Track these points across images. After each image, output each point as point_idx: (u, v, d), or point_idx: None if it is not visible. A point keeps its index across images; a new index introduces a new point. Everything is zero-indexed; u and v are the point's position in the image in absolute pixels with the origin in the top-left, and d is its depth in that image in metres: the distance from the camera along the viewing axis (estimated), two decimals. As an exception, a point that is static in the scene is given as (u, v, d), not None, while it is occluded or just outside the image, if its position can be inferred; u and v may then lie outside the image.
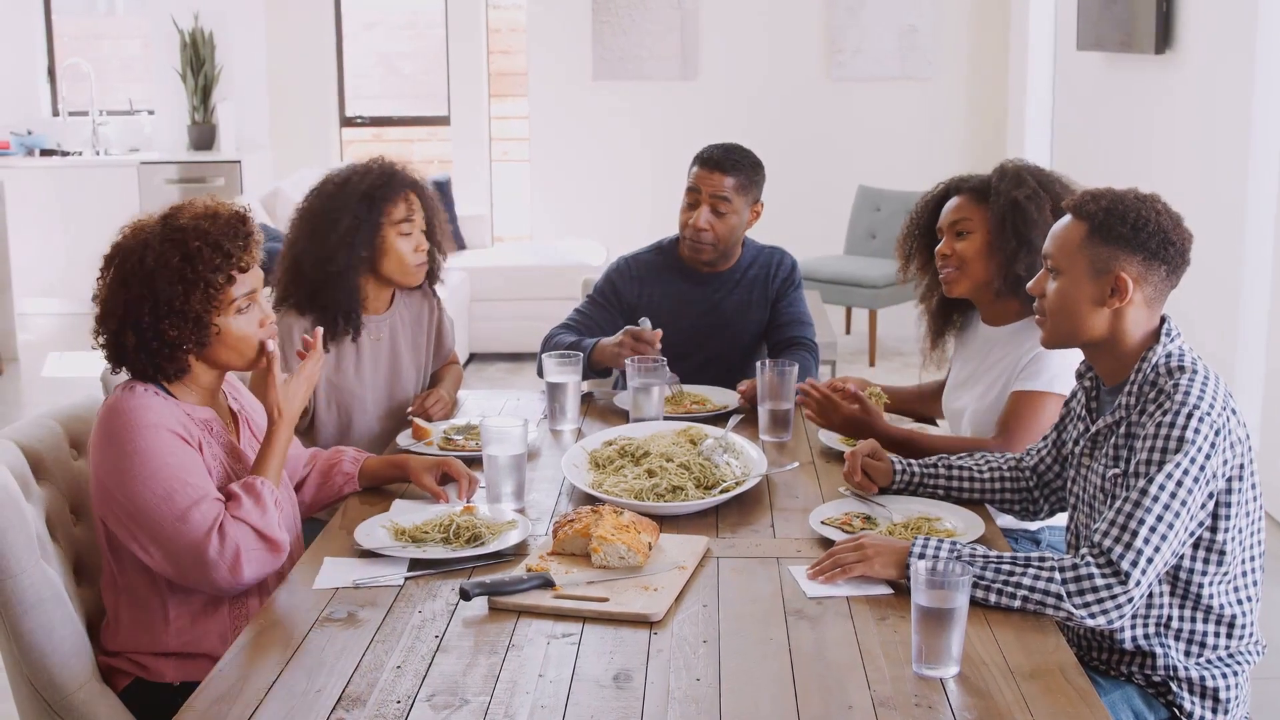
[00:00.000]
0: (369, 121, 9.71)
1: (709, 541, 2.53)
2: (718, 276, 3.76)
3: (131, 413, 2.38)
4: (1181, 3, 5.78)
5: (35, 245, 8.59)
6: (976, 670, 2.02)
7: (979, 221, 3.06)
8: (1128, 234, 2.37)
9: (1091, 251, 2.39)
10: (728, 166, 3.65)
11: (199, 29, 8.89)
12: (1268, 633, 2.50)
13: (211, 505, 2.36)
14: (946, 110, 8.67)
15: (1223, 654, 2.38)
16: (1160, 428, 2.26)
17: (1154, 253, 2.37)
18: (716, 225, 3.65)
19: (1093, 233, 2.39)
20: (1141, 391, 2.35)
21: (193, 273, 2.42)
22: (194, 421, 2.47)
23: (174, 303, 2.41)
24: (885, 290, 7.41)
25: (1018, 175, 3.05)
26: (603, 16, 8.64)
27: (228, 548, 2.34)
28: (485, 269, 7.72)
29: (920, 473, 2.76)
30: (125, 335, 2.42)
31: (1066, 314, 2.43)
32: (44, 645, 2.38)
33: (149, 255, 2.42)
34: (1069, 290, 2.41)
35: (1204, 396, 2.26)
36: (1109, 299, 2.38)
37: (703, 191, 3.65)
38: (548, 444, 3.21)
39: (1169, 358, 2.35)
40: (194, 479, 2.37)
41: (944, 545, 2.30)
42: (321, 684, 2.01)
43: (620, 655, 2.09)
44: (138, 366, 2.46)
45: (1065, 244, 2.42)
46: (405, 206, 3.26)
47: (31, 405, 6.87)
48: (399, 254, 3.27)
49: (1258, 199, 5.20)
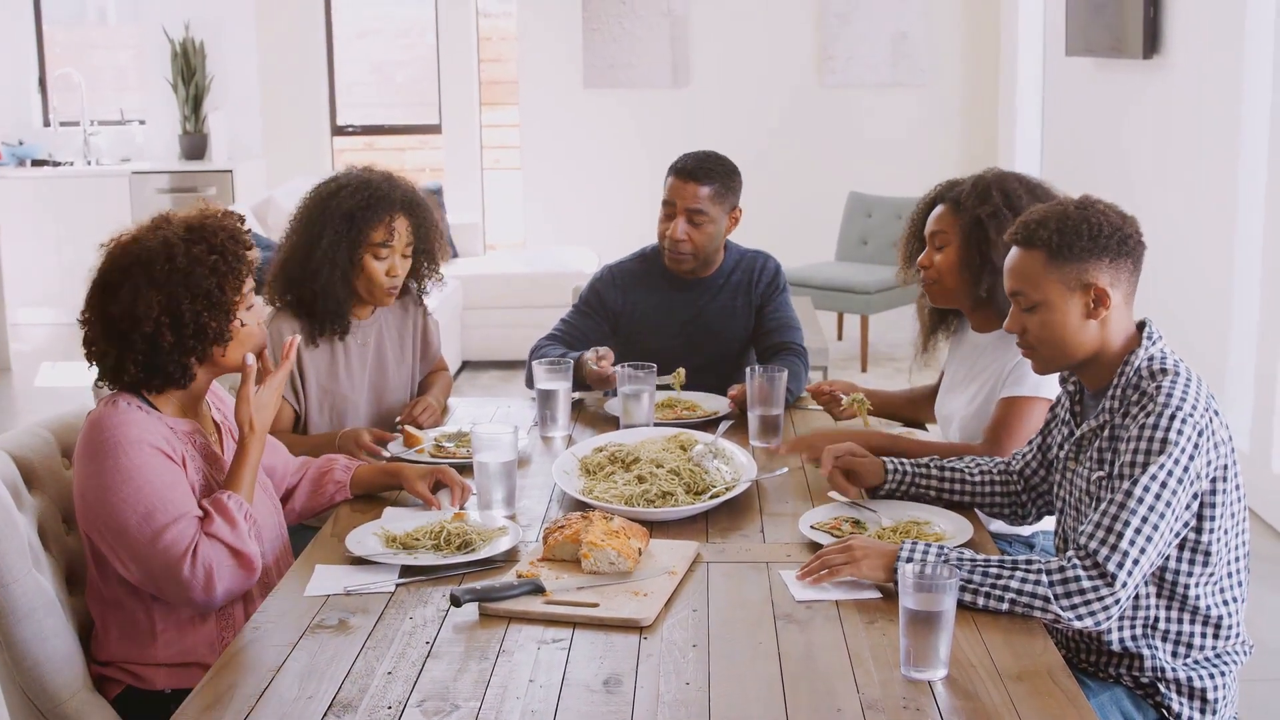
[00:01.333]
0: (360, 130, 9.72)
1: (699, 547, 2.54)
2: (701, 283, 3.76)
3: (115, 428, 2.39)
4: (1169, 8, 5.80)
5: (27, 255, 8.59)
6: (964, 673, 2.03)
7: (953, 234, 3.05)
8: (1087, 244, 2.37)
9: (1059, 274, 2.39)
10: (701, 176, 3.62)
11: (190, 38, 8.90)
12: (1256, 634, 2.51)
13: (189, 524, 2.37)
14: (937, 116, 8.70)
15: (1210, 654, 2.39)
16: (1144, 429, 2.27)
17: (1116, 251, 2.39)
18: (694, 235, 3.64)
19: (1052, 256, 2.39)
20: (1125, 395, 2.37)
21: (224, 264, 2.48)
22: (176, 434, 2.48)
23: (211, 294, 2.45)
24: (877, 296, 7.43)
25: (985, 191, 3.02)
26: (593, 24, 8.66)
27: (199, 568, 2.34)
28: (477, 277, 7.72)
29: (912, 472, 2.77)
30: (160, 335, 2.41)
31: (1056, 342, 2.42)
32: (36, 654, 2.39)
33: (178, 254, 2.45)
34: (1051, 318, 2.41)
35: (1186, 398, 2.28)
36: (1093, 311, 2.39)
37: (677, 203, 3.63)
38: (538, 450, 3.22)
39: (1151, 360, 2.37)
40: (174, 496, 2.38)
41: (931, 549, 2.31)
42: (313, 690, 2.02)
43: (610, 660, 2.10)
44: (139, 375, 2.45)
45: (1030, 277, 2.42)
46: (385, 230, 3.26)
47: (24, 415, 6.87)
48: (369, 275, 3.28)
49: (1246, 202, 5.23)
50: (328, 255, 3.23)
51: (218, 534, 2.38)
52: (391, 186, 3.30)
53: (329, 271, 3.23)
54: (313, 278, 3.23)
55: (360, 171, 3.34)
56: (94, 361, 2.49)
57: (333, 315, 3.29)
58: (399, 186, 3.32)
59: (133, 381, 2.47)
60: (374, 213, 3.25)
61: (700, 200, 3.61)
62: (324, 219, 3.24)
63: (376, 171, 3.34)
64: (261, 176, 9.17)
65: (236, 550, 2.39)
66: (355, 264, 3.26)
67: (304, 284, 3.25)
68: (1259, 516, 5.06)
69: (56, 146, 9.19)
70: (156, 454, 2.39)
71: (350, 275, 3.27)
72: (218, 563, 2.37)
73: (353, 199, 3.25)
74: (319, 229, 3.24)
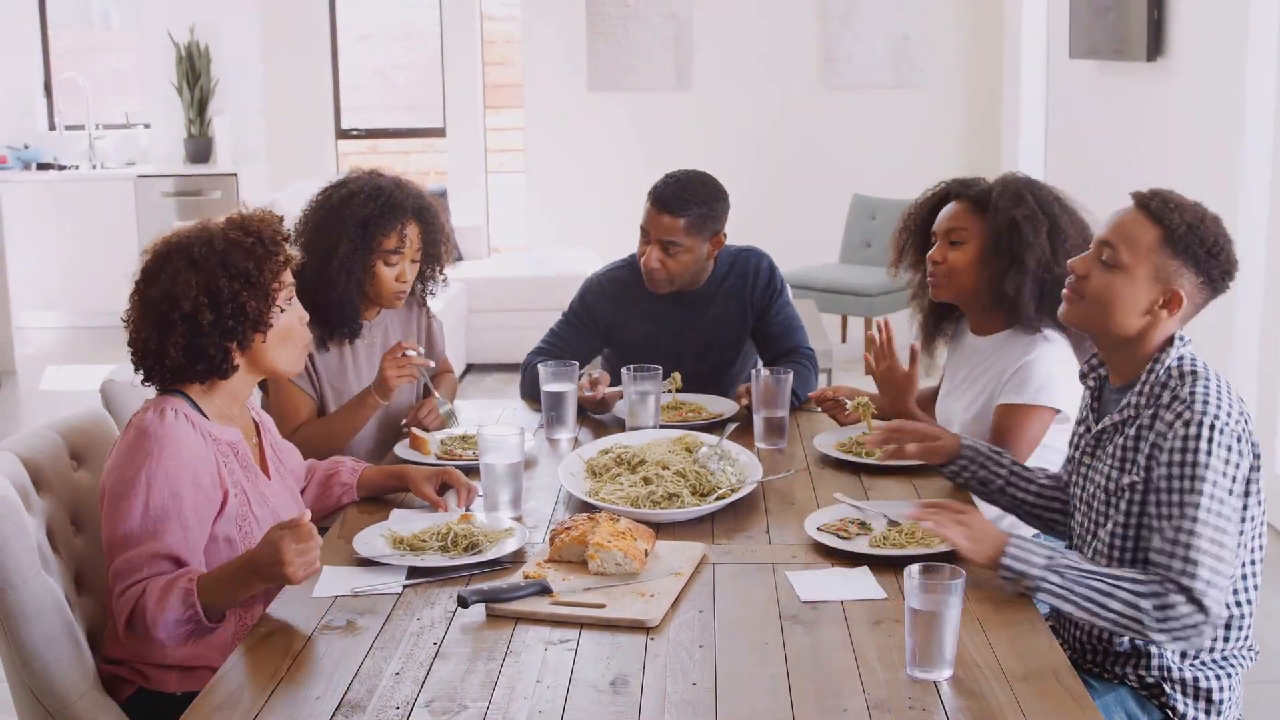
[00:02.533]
0: (365, 134, 9.74)
1: (705, 548, 2.55)
2: (693, 293, 3.68)
3: (159, 441, 2.38)
4: (1173, 10, 5.81)
5: (32, 258, 8.61)
6: (970, 673, 2.04)
7: (974, 232, 3.05)
8: (1202, 255, 2.34)
9: (1159, 259, 2.35)
10: (676, 208, 3.51)
11: (195, 42, 8.92)
12: (1261, 637, 2.52)
13: (159, 563, 2.34)
14: (940, 118, 8.71)
15: (1218, 656, 2.39)
16: (1186, 441, 2.25)
17: (1213, 279, 2.37)
18: (668, 264, 3.56)
19: (1167, 241, 2.35)
20: (1153, 392, 2.35)
21: (261, 248, 2.51)
22: (220, 446, 2.49)
23: (249, 274, 2.48)
24: (880, 298, 7.44)
25: (1018, 193, 3.02)
26: (597, 28, 8.67)
27: (126, 600, 2.31)
28: (482, 280, 7.74)
29: (987, 454, 2.73)
30: (200, 314, 2.43)
31: (1109, 307, 2.39)
32: (45, 655, 2.40)
33: (216, 238, 2.49)
34: (1122, 288, 2.37)
35: (1221, 404, 2.27)
36: (1157, 309, 2.37)
37: (651, 233, 3.56)
38: (544, 452, 3.23)
39: (1181, 360, 2.36)
40: (177, 532, 2.36)
41: (1039, 551, 2.27)
42: (321, 691, 2.03)
43: (617, 661, 2.11)
44: (180, 360, 2.45)
45: (1135, 242, 2.37)
46: (397, 238, 3.27)
47: (30, 418, 6.88)
48: (379, 281, 3.30)
49: (1249, 205, 5.23)
50: (344, 264, 3.23)
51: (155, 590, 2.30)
52: (404, 194, 3.31)
53: (345, 280, 3.24)
54: (329, 286, 3.23)
55: (370, 176, 3.33)
56: (138, 358, 2.50)
57: (346, 320, 3.31)
58: (410, 193, 3.33)
59: (175, 368, 2.47)
60: (388, 220, 3.26)
61: (675, 232, 3.52)
62: (338, 227, 3.25)
63: (386, 177, 3.34)
64: (266, 179, 9.18)
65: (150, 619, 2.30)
66: (367, 270, 3.27)
67: (318, 292, 3.23)
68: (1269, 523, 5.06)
69: (61, 150, 9.21)
70: (187, 481, 2.38)
71: (362, 281, 3.28)
72: (139, 610, 2.30)
73: (366, 206, 3.25)
74: (335, 237, 3.24)
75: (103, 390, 2.94)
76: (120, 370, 2.87)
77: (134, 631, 2.33)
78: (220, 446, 2.49)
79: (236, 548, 2.47)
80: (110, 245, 8.59)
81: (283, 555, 2.20)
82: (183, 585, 2.30)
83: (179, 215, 8.41)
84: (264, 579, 2.26)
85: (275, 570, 2.22)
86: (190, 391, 2.51)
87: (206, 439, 2.46)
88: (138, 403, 2.62)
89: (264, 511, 2.54)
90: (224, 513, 2.46)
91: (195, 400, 2.50)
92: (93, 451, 2.76)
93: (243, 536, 2.48)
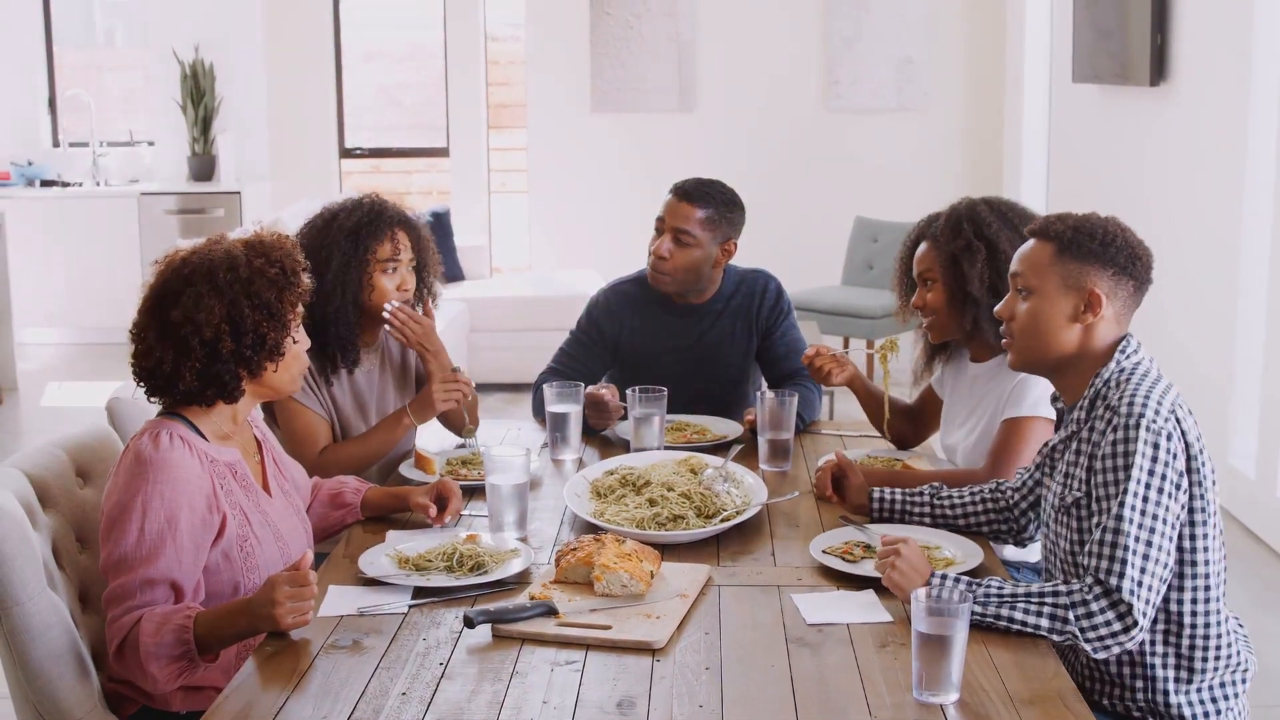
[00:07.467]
0: (368, 153, 9.76)
1: (710, 570, 2.55)
2: (699, 308, 3.71)
3: (155, 466, 2.38)
4: (1176, 35, 5.83)
5: (35, 275, 8.62)
6: (976, 696, 2.04)
7: (937, 271, 3.10)
8: (1097, 249, 2.42)
9: (1062, 268, 2.43)
10: (697, 198, 3.60)
11: (199, 60, 8.94)
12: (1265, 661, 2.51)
13: (156, 591, 2.34)
14: (943, 142, 8.72)
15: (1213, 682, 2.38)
16: (1115, 445, 2.29)
17: (1122, 267, 2.42)
18: (676, 255, 3.59)
19: (1061, 251, 2.43)
20: (1093, 405, 2.39)
21: (283, 278, 2.52)
22: (217, 467, 2.48)
23: (271, 306, 2.49)
24: (883, 320, 7.44)
25: (957, 225, 3.07)
26: (601, 49, 8.70)
27: (120, 625, 2.31)
28: (484, 300, 7.75)
29: (903, 499, 2.81)
30: (221, 343, 2.42)
31: (1037, 332, 2.45)
32: (50, 672, 2.39)
33: (240, 264, 2.49)
34: (1041, 308, 2.44)
35: (1148, 403, 2.30)
36: (1081, 314, 2.42)
37: (667, 220, 3.61)
38: (549, 473, 3.23)
39: (1121, 372, 2.39)
40: (171, 557, 2.35)
41: (958, 586, 2.29)
42: (327, 711, 2.03)
43: (623, 682, 2.11)
44: (193, 384, 2.45)
45: (1034, 264, 2.46)
46: (391, 245, 3.28)
47: (31, 435, 6.88)
48: (382, 292, 3.28)
49: (1252, 230, 5.24)
50: (339, 277, 3.23)
51: (150, 624, 2.30)
52: (385, 204, 3.34)
53: (341, 295, 3.23)
54: (325, 302, 3.20)
55: (347, 198, 3.36)
56: (145, 375, 2.48)
57: (344, 345, 3.27)
58: (390, 204, 3.35)
59: (186, 391, 2.46)
60: (377, 228, 3.26)
61: (690, 222, 3.58)
62: (329, 243, 3.25)
63: (364, 194, 3.37)
64: (269, 198, 9.20)
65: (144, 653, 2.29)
66: (366, 283, 3.26)
67: (313, 310, 3.22)
68: (1265, 543, 5.06)
69: (65, 167, 9.23)
70: (185, 509, 2.38)
71: (360, 296, 3.27)
72: (131, 640, 2.30)
73: (352, 218, 3.26)
74: (326, 254, 3.23)
75: (108, 407, 2.94)
76: (125, 388, 2.87)
77: (124, 660, 2.32)
78: (218, 468, 2.48)
79: (236, 566, 2.46)
80: (113, 263, 8.61)
81: (275, 596, 2.23)
82: (178, 621, 2.30)
83: (182, 233, 8.42)
84: (255, 620, 2.27)
85: (266, 610, 2.24)
86: (189, 413, 2.50)
87: (204, 461, 2.45)
88: (142, 421, 2.62)
89: (265, 530, 2.54)
90: (223, 536, 2.45)
91: (193, 421, 2.50)
92: (98, 469, 2.76)
93: (243, 556, 2.48)
